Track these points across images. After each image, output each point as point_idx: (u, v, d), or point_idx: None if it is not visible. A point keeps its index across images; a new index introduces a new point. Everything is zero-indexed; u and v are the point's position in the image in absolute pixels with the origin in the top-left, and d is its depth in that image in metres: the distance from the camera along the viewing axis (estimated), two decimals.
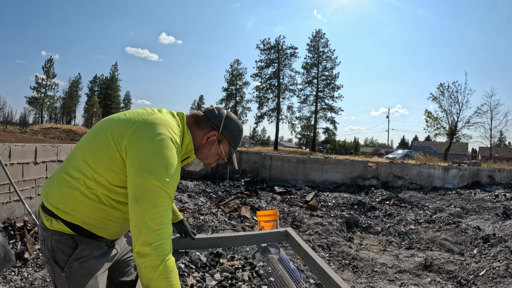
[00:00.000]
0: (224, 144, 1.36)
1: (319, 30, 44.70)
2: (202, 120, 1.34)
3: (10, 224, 3.52)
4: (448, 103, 31.33)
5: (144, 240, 1.03)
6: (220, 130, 1.33)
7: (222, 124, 1.34)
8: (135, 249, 1.04)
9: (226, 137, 1.35)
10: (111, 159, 1.17)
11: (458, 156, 41.38)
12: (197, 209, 5.19)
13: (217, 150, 1.36)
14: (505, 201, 8.69)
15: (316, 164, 10.50)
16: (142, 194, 1.06)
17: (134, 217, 1.06)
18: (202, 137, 1.33)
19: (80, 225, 1.23)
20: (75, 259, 1.23)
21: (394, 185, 11.14)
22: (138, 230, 1.04)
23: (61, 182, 1.23)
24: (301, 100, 44.70)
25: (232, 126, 1.36)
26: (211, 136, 1.33)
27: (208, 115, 1.35)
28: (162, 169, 1.09)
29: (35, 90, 51.87)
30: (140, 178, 1.07)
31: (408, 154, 31.50)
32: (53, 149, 4.52)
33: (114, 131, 1.19)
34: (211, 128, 1.33)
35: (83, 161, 1.21)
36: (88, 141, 1.25)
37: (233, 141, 1.38)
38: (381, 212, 6.32)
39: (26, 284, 2.67)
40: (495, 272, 3.21)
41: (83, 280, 1.24)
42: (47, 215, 1.23)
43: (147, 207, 1.05)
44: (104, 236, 1.30)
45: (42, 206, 1.27)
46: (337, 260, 3.70)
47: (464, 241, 4.62)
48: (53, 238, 1.22)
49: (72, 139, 23.33)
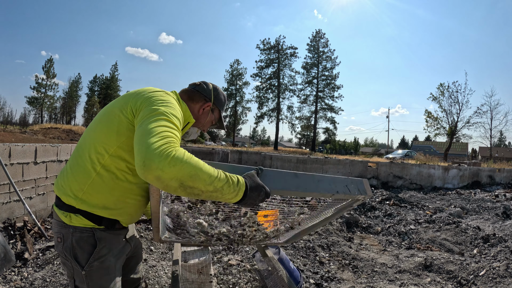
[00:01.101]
0: (215, 112, 1.58)
1: (319, 30, 44.76)
2: (195, 94, 1.50)
3: (10, 224, 3.52)
4: (448, 103, 31.31)
5: (147, 147, 0.95)
6: (213, 101, 1.53)
7: (213, 95, 1.54)
8: (139, 164, 0.94)
9: (217, 106, 1.56)
10: (118, 124, 1.23)
11: (458, 156, 41.37)
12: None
13: (211, 118, 1.57)
14: (505, 201, 8.69)
15: (316, 164, 10.50)
16: (143, 120, 1.09)
17: (135, 137, 1.03)
18: (199, 109, 1.51)
19: (100, 214, 1.25)
20: (96, 258, 1.26)
21: (394, 185, 11.14)
22: (139, 145, 0.98)
23: (75, 169, 1.26)
24: (301, 100, 44.76)
25: (220, 96, 1.58)
26: (206, 107, 1.52)
27: (199, 89, 1.52)
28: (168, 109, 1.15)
29: (35, 90, 51.86)
30: (144, 112, 1.13)
31: (408, 154, 31.49)
32: (53, 149, 4.52)
33: (119, 104, 1.28)
34: (205, 101, 1.52)
35: (93, 142, 1.25)
36: (95, 125, 1.31)
37: (222, 108, 1.60)
38: (381, 212, 6.32)
39: (26, 284, 2.67)
40: (495, 272, 3.21)
41: (102, 280, 1.28)
42: (65, 211, 1.25)
43: (146, 125, 1.05)
44: (124, 219, 1.33)
45: (58, 204, 1.29)
46: (337, 260, 3.70)
47: (464, 241, 4.62)
48: (73, 235, 1.24)
49: (72, 139, 23.35)
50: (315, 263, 3.57)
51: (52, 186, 4.51)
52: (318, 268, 3.45)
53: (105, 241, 1.28)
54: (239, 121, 50.06)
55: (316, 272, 3.33)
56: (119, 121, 1.23)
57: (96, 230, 1.26)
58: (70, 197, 1.24)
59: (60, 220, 1.27)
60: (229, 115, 48.39)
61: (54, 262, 3.05)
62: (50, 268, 2.95)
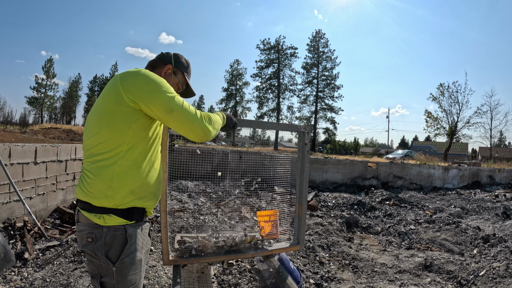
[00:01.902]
0: (178, 74, 1.67)
1: (319, 30, 44.76)
2: (156, 62, 1.63)
3: (10, 224, 3.52)
4: (448, 103, 31.31)
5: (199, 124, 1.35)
6: (173, 64, 1.64)
7: (173, 59, 1.65)
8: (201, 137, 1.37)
9: (179, 68, 1.66)
10: (123, 116, 1.32)
11: (458, 156, 41.37)
12: (197, 209, 5.19)
13: (175, 81, 1.66)
14: (505, 201, 8.69)
15: (316, 164, 10.50)
16: (167, 105, 1.31)
17: (177, 120, 1.33)
18: (160, 72, 1.61)
19: (131, 205, 1.37)
20: (126, 255, 1.35)
21: (394, 185, 11.13)
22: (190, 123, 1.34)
23: (96, 171, 1.33)
24: (301, 100, 44.74)
25: (181, 59, 1.69)
26: (167, 70, 1.62)
27: (160, 57, 1.66)
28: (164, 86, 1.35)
29: (35, 90, 51.85)
30: (156, 101, 1.31)
31: (408, 154, 31.47)
32: (53, 149, 4.51)
33: (110, 98, 1.34)
34: (165, 64, 1.62)
35: (105, 142, 1.32)
36: (98, 127, 1.36)
37: (185, 70, 1.70)
38: (381, 212, 6.32)
39: (26, 284, 2.67)
40: (495, 272, 3.21)
41: (131, 275, 1.37)
42: (97, 213, 1.33)
43: (177, 107, 1.31)
44: (150, 202, 1.46)
45: (87, 208, 1.35)
46: (337, 260, 3.70)
47: (464, 241, 4.62)
48: (107, 234, 1.33)
49: (72, 139, 23.34)
50: (315, 263, 3.57)
51: (52, 186, 4.51)
52: (318, 268, 3.45)
53: (135, 237, 1.38)
54: None
55: (316, 272, 3.33)
56: (122, 113, 1.32)
57: (127, 227, 1.36)
58: (101, 199, 1.32)
59: (91, 222, 1.35)
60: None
61: (54, 262, 3.05)
62: (50, 268, 2.95)
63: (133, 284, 1.38)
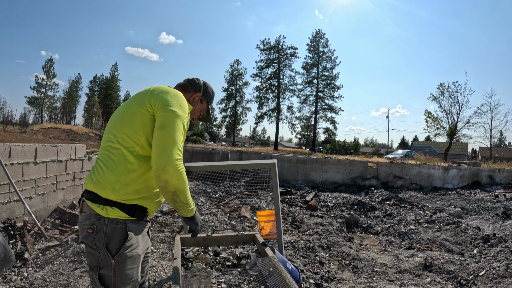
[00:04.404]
0: (204, 103, 1.83)
1: (319, 30, 44.75)
2: (187, 86, 1.77)
3: (10, 224, 3.52)
4: (448, 103, 31.25)
5: (170, 156, 1.33)
6: (202, 92, 1.79)
7: (202, 88, 1.80)
8: (160, 165, 1.32)
9: (205, 97, 1.82)
10: (142, 118, 1.45)
11: (458, 156, 41.35)
12: (197, 209, 5.19)
13: (200, 107, 1.81)
14: (505, 201, 8.68)
15: (316, 164, 10.50)
16: (166, 123, 1.39)
17: (160, 139, 1.37)
18: (189, 98, 1.75)
19: (134, 202, 1.44)
20: (126, 248, 1.40)
21: (394, 185, 11.13)
22: (163, 149, 1.34)
23: (110, 164, 1.43)
24: (301, 100, 44.71)
25: (208, 89, 1.84)
26: (195, 97, 1.77)
27: (191, 82, 1.79)
28: (183, 108, 1.49)
29: (35, 90, 51.85)
30: (165, 112, 1.42)
31: (408, 154, 31.46)
32: (53, 149, 4.51)
33: (136, 101, 1.50)
34: (195, 91, 1.77)
35: (123, 137, 1.44)
36: (119, 123, 1.50)
37: (210, 100, 1.86)
38: (381, 212, 6.32)
39: (26, 284, 2.67)
40: (495, 272, 3.21)
41: (128, 269, 1.42)
42: (101, 204, 1.40)
43: (170, 131, 1.38)
44: (153, 205, 1.54)
45: (92, 198, 1.42)
46: (337, 260, 3.70)
47: (464, 241, 4.62)
48: (108, 226, 1.39)
49: (72, 139, 23.32)
50: (315, 263, 3.57)
51: (52, 186, 4.51)
52: (318, 268, 3.45)
53: (135, 233, 1.45)
54: (239, 121, 49.98)
55: (316, 272, 3.33)
56: (141, 115, 1.44)
57: (128, 222, 1.42)
58: (108, 190, 1.39)
59: (94, 212, 1.41)
60: (229, 115, 48.37)
61: (54, 262, 3.05)
62: (50, 268, 2.95)
63: (130, 278, 1.42)
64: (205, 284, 1.86)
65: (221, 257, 2.54)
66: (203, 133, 66.88)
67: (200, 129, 71.01)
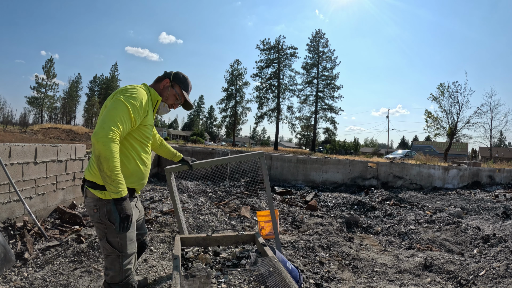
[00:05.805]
0: (176, 87, 2.05)
1: (319, 30, 44.78)
2: (159, 77, 2.07)
3: (10, 224, 3.52)
4: (448, 103, 31.26)
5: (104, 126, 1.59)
6: (171, 78, 2.04)
7: (172, 75, 2.05)
8: (94, 132, 1.59)
9: (176, 81, 2.04)
10: None
11: (458, 156, 41.35)
12: (197, 209, 5.18)
13: (172, 92, 2.04)
14: (505, 201, 8.69)
15: (316, 164, 10.50)
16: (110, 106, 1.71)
17: (102, 116, 1.67)
18: (161, 86, 2.03)
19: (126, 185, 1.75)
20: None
21: (394, 185, 11.13)
22: (102, 122, 1.62)
23: None
24: (301, 100, 44.73)
25: (178, 74, 2.07)
26: (165, 83, 2.03)
27: (164, 74, 2.08)
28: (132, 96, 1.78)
29: (35, 90, 51.86)
30: (112, 100, 1.75)
31: (408, 154, 31.46)
32: (53, 149, 4.51)
33: (110, 98, 1.81)
34: (164, 78, 2.04)
35: None
36: (100, 116, 1.76)
37: (182, 84, 2.06)
38: (381, 212, 6.32)
39: (26, 284, 2.67)
40: (495, 272, 3.21)
41: (128, 233, 1.85)
42: (100, 190, 1.80)
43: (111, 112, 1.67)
44: (138, 185, 1.95)
45: (93, 186, 1.81)
46: (337, 260, 3.70)
47: (464, 241, 4.62)
48: (107, 204, 1.80)
49: (72, 139, 23.32)
50: (315, 263, 3.56)
51: (52, 186, 4.51)
52: (318, 268, 3.45)
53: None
54: (239, 121, 49.99)
55: (316, 272, 3.32)
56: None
57: None
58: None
59: (95, 196, 1.81)
60: (229, 115, 48.37)
61: (54, 262, 3.05)
62: (50, 268, 2.95)
63: (130, 239, 1.89)
64: (205, 284, 1.87)
65: (221, 257, 2.54)
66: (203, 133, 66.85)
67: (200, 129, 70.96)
